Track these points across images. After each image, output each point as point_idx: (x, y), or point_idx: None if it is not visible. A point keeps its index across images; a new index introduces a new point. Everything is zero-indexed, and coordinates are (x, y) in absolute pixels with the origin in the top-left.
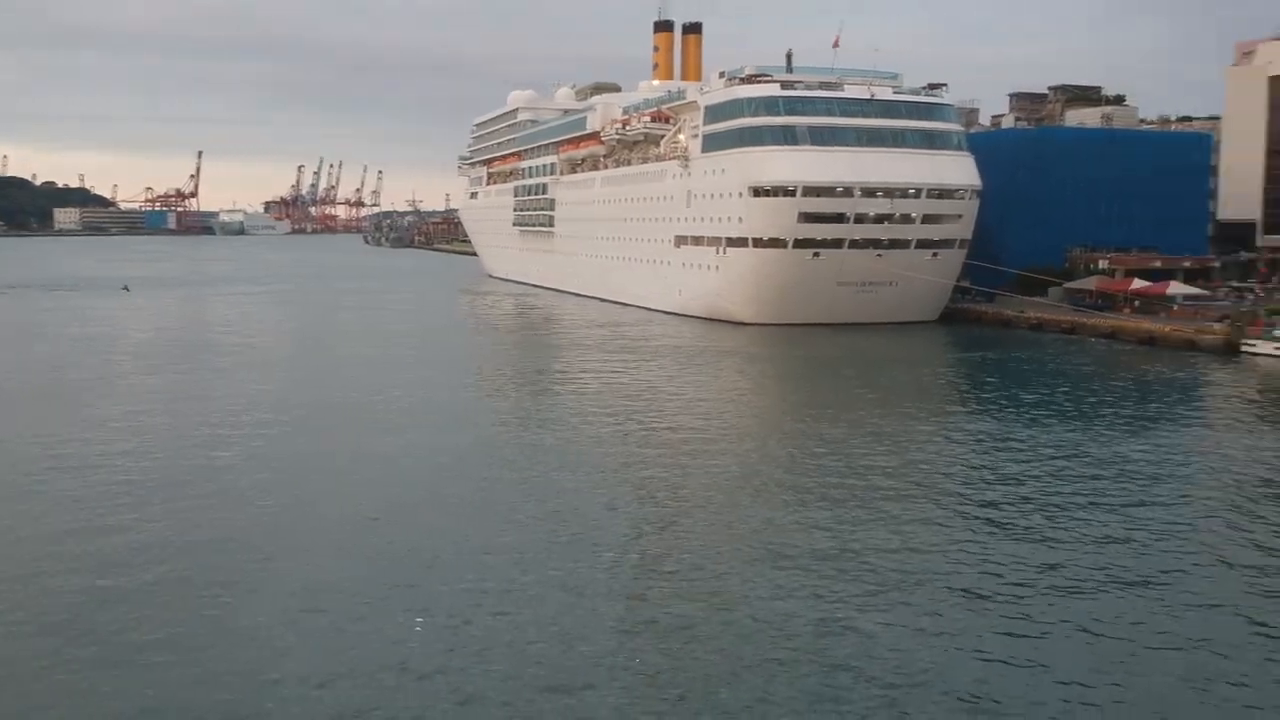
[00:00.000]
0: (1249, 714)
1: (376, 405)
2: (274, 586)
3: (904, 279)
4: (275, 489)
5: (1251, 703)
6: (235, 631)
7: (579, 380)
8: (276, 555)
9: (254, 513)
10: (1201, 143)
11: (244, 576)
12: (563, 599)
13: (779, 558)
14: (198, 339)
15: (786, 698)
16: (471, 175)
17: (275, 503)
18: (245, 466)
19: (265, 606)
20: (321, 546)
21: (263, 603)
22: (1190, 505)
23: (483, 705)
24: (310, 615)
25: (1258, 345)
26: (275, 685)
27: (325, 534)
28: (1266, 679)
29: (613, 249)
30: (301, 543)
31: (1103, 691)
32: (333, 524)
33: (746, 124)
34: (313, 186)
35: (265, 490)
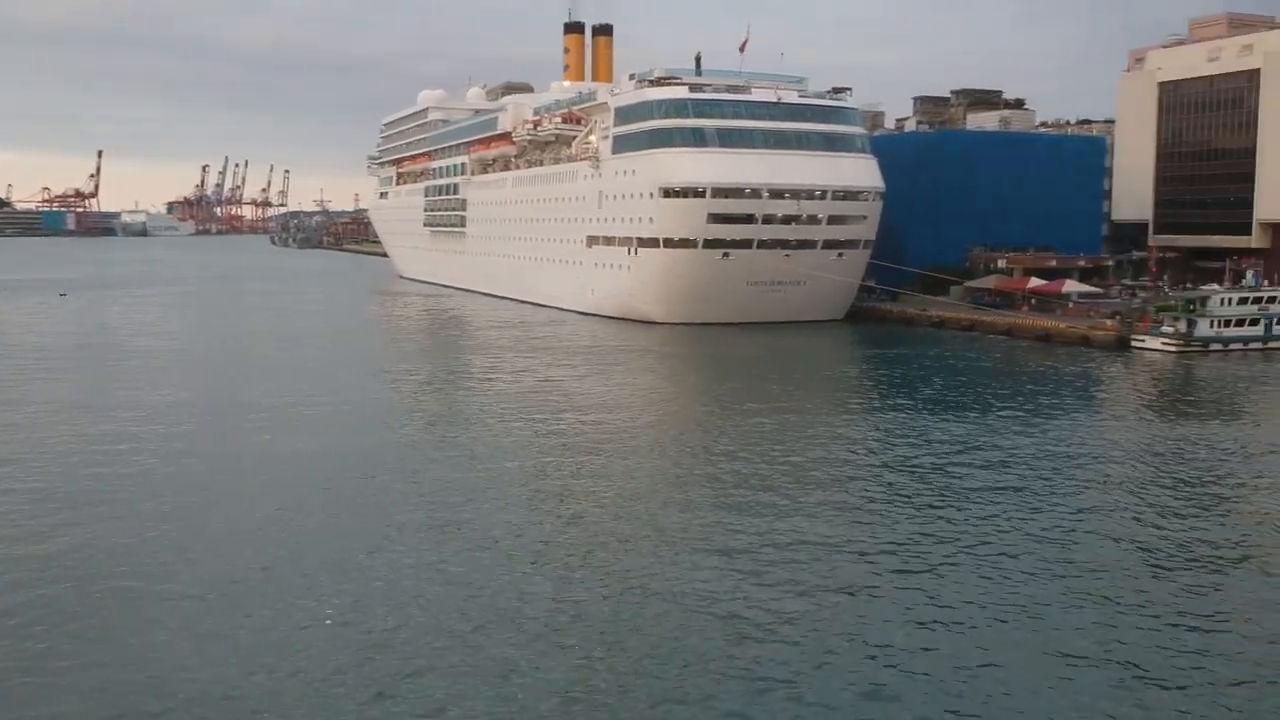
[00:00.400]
0: (1140, 684)
1: (286, 408)
2: (181, 588)
3: (811, 279)
4: (184, 490)
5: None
6: (141, 635)
7: (492, 380)
8: (184, 556)
9: (160, 515)
10: (1095, 145)
11: (148, 579)
12: (471, 595)
13: (694, 549)
14: (101, 343)
15: (705, 683)
16: (381, 175)
17: (184, 504)
18: (152, 469)
19: (171, 608)
20: (229, 547)
21: (168, 604)
22: (1081, 490)
23: (396, 701)
24: (218, 614)
25: (1146, 341)
26: (184, 684)
27: (233, 535)
28: (1156, 651)
29: (525, 249)
30: (209, 544)
31: (1005, 670)
32: (242, 525)
33: (656, 126)
34: (218, 186)
35: (173, 491)
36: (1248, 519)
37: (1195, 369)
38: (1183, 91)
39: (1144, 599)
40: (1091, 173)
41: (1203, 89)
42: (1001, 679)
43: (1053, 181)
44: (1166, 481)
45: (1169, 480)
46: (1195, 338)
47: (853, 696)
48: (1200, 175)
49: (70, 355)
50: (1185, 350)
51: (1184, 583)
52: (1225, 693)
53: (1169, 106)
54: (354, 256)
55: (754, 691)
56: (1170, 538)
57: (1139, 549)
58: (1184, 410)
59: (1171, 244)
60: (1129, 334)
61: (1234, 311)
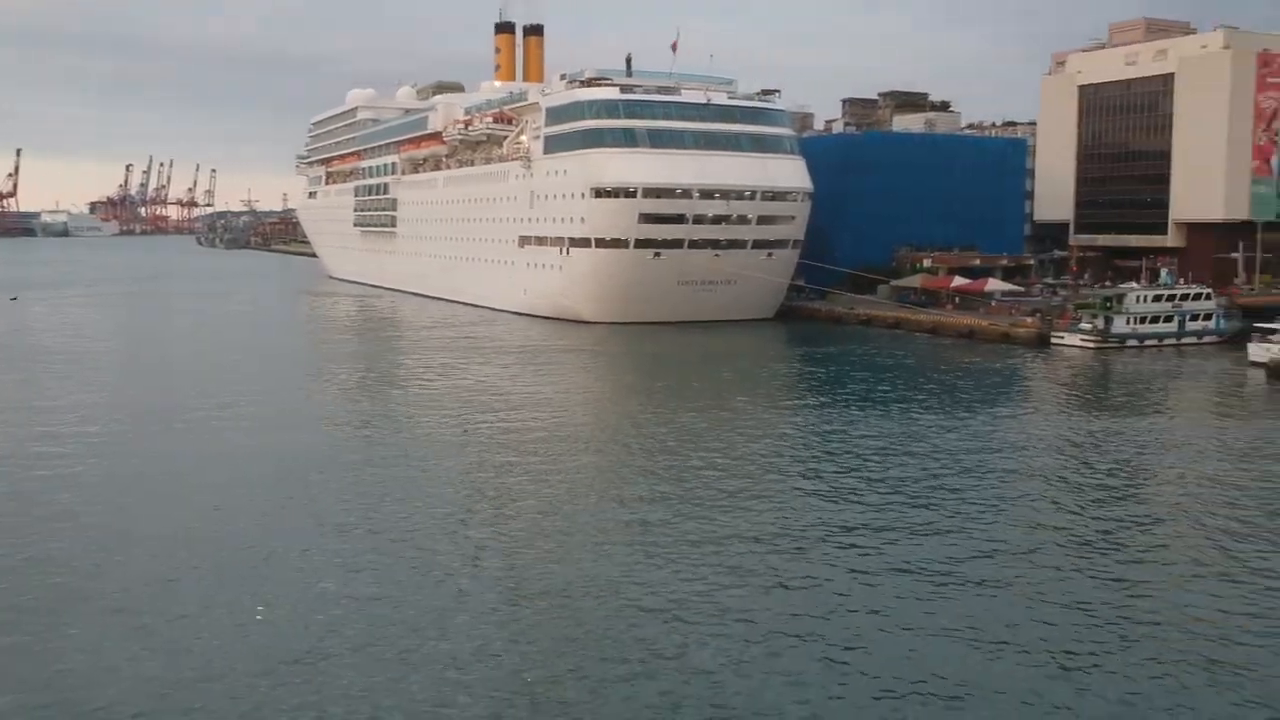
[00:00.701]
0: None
1: (217, 409)
2: (110, 587)
3: (741, 278)
4: (113, 491)
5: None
6: (70, 635)
7: (425, 380)
8: (112, 556)
9: (89, 516)
10: (1017, 147)
11: (78, 578)
12: (401, 593)
13: (624, 543)
14: (21, 344)
15: (629, 671)
16: (310, 175)
17: (114, 504)
18: (81, 471)
19: (99, 607)
20: (160, 547)
21: (97, 604)
22: (1001, 480)
23: (331, 697)
24: (148, 613)
25: (1065, 337)
26: (113, 683)
27: (163, 535)
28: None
29: (456, 249)
30: (139, 544)
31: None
32: (172, 525)
33: (588, 126)
34: (142, 186)
35: (102, 492)
36: (1159, 506)
37: (1112, 364)
38: (1102, 94)
39: (1060, 580)
40: (1014, 174)
41: (1120, 92)
42: (924, 664)
43: (976, 182)
44: (1082, 471)
45: (1084, 470)
46: (1112, 334)
47: (777, 684)
48: (1118, 176)
49: None
50: (1102, 346)
51: (1099, 567)
52: (1140, 668)
53: (1088, 109)
54: (282, 257)
55: (680, 681)
56: (1086, 525)
57: (1056, 535)
58: (1100, 404)
59: (1091, 243)
60: (1049, 331)
61: (1149, 309)
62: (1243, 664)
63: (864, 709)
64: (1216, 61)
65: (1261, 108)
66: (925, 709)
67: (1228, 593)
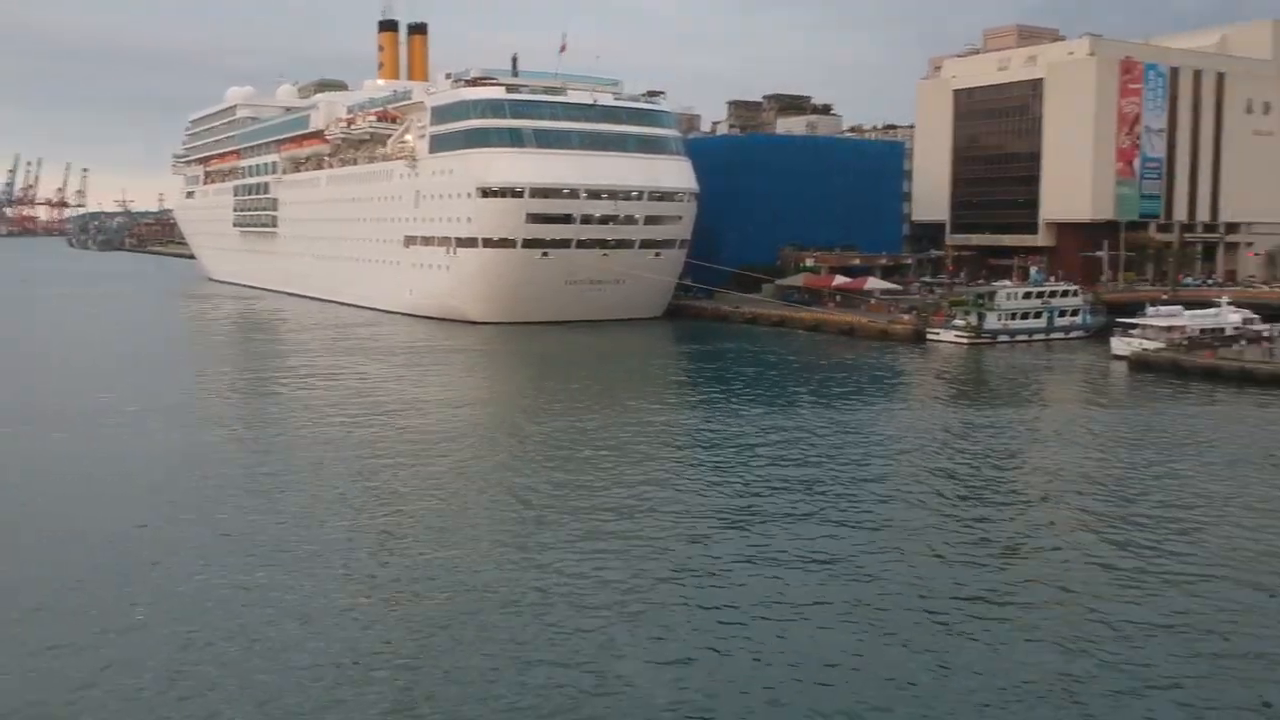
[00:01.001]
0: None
1: (94, 412)
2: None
3: (629, 277)
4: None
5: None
6: None
7: (306, 382)
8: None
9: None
10: (895, 149)
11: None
12: (276, 597)
13: (506, 543)
14: None
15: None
16: (188, 174)
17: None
18: None
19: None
20: (41, 553)
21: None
22: (877, 468)
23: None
24: (29, 620)
25: (940, 334)
26: None
27: (42, 541)
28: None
29: (340, 249)
30: (18, 550)
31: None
32: (53, 531)
33: (473, 125)
34: (8, 185)
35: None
36: (1027, 489)
37: (984, 359)
38: (975, 99)
39: (935, 561)
40: (892, 175)
41: (993, 96)
42: (798, 647)
43: (856, 184)
44: (954, 458)
45: (957, 457)
46: (984, 330)
47: (653, 682)
48: (991, 178)
49: None
50: (975, 342)
51: (971, 548)
52: (1010, 645)
53: (963, 113)
54: (159, 258)
55: (560, 681)
56: (957, 508)
57: (930, 518)
58: (971, 396)
59: (966, 243)
60: (924, 328)
61: (1019, 305)
62: (1106, 633)
63: (743, 693)
64: (1082, 68)
65: (1124, 112)
66: (801, 690)
67: (1091, 564)
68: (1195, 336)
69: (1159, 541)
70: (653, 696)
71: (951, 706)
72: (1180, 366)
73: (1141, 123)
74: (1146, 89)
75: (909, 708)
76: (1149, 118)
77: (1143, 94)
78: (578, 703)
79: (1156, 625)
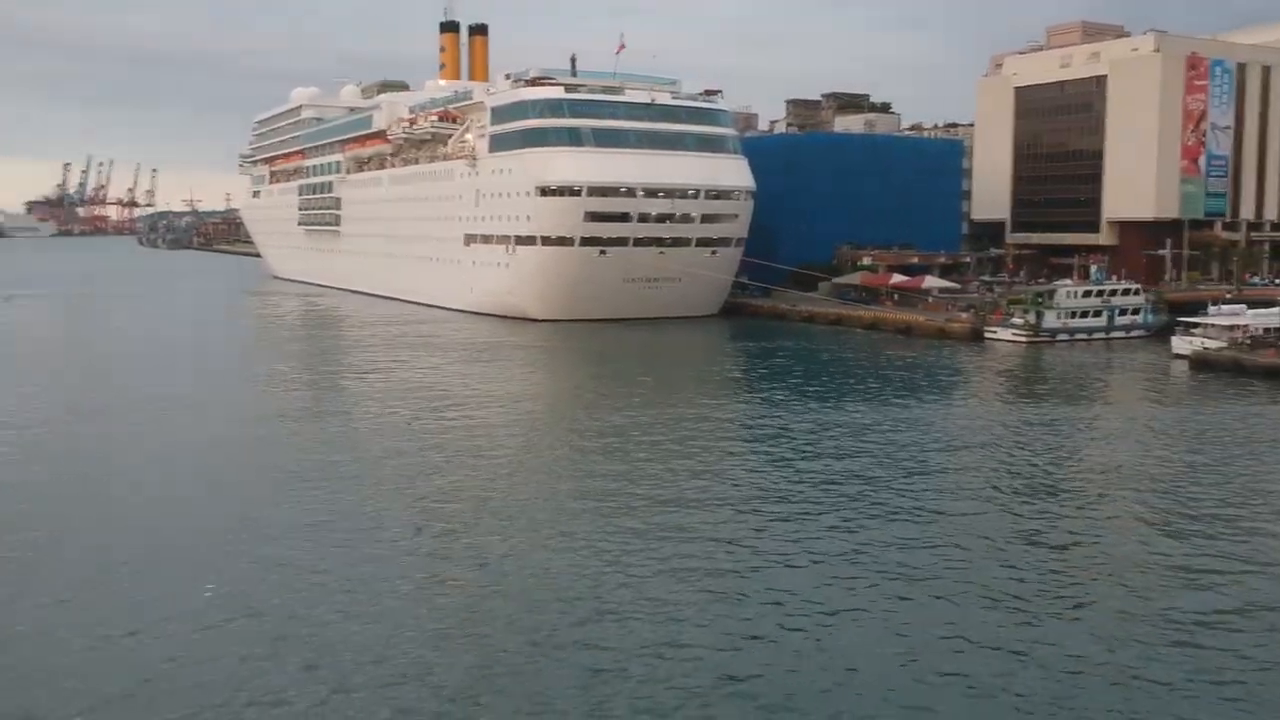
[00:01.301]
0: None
1: (168, 402)
2: (64, 568)
3: (686, 275)
4: (67, 481)
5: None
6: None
7: (370, 376)
8: (68, 541)
9: (46, 506)
10: (954, 148)
11: (30, 562)
12: (350, 567)
13: (563, 534)
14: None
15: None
16: (254, 174)
17: (68, 490)
18: (30, 462)
19: (51, 587)
20: (124, 527)
21: (47, 582)
22: (934, 464)
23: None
24: (100, 593)
25: (998, 332)
26: (64, 659)
27: (118, 521)
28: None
29: (401, 248)
30: (92, 531)
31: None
32: (127, 513)
33: (532, 125)
34: (81, 186)
35: (55, 483)
36: (1083, 487)
37: (1042, 357)
38: (1037, 96)
39: (993, 562)
40: (951, 174)
41: (1055, 94)
42: (869, 651)
43: (914, 182)
44: (1012, 455)
45: (1013, 455)
46: (1043, 329)
47: (713, 680)
48: (1053, 176)
49: None
50: (1034, 341)
51: (1034, 546)
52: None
53: (1024, 110)
54: (225, 257)
55: (612, 675)
56: (1019, 507)
57: (987, 514)
58: (1028, 393)
59: (1027, 242)
60: (982, 326)
61: (1079, 304)
62: (1163, 626)
63: (798, 677)
64: (1147, 64)
65: (1190, 109)
66: (856, 681)
67: (1148, 559)
68: (1258, 336)
69: (1215, 537)
70: (715, 686)
71: (1009, 699)
72: (1242, 365)
73: (1207, 120)
74: (1212, 85)
75: (967, 699)
76: (1215, 114)
77: (1208, 90)
78: (637, 687)
79: (1212, 620)
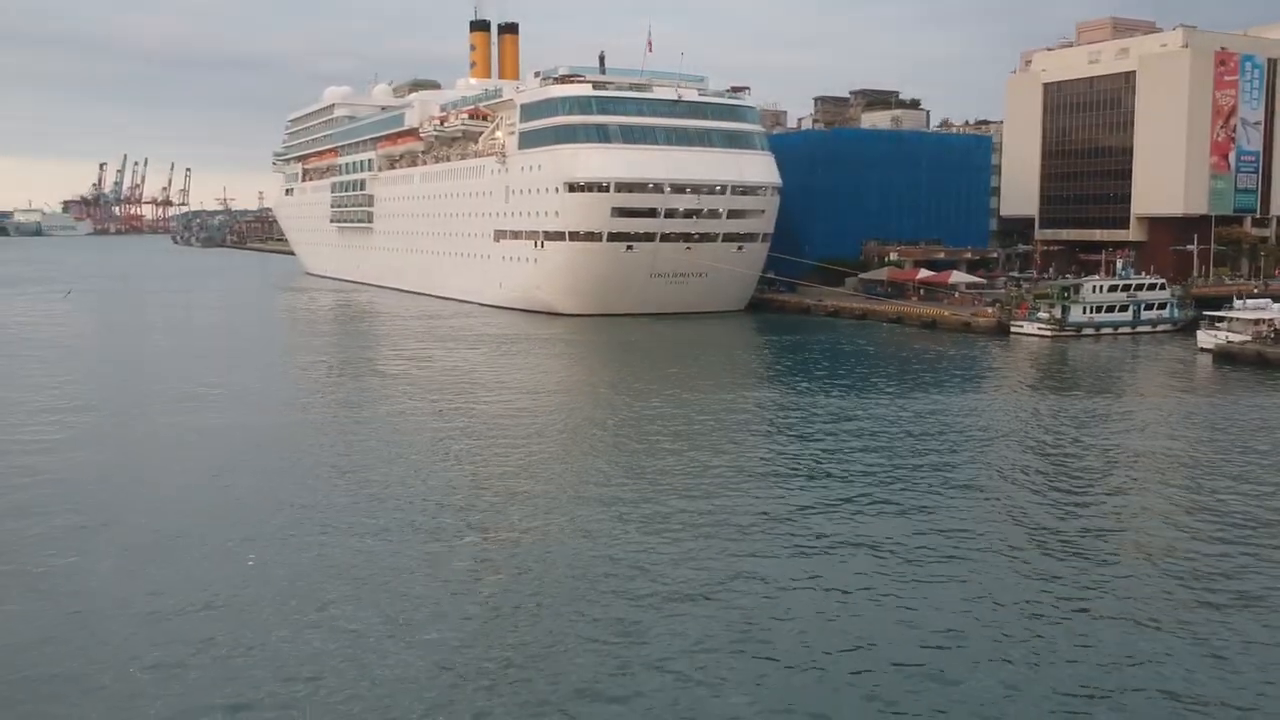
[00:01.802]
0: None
1: (206, 391)
2: (123, 538)
3: (712, 270)
4: (112, 462)
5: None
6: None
7: (403, 366)
8: (122, 514)
9: (92, 479)
10: (981, 144)
11: (86, 535)
12: (385, 539)
13: (598, 517)
14: (30, 338)
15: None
16: (287, 172)
17: (114, 473)
18: (75, 446)
19: (106, 554)
20: (167, 505)
21: (102, 552)
22: (957, 453)
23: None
24: (151, 559)
25: (1023, 326)
26: (116, 618)
27: (161, 498)
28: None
29: (433, 244)
30: (149, 503)
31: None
32: (174, 488)
33: (561, 122)
34: (116, 185)
35: (103, 466)
36: (1101, 473)
37: (1067, 351)
38: (1065, 92)
39: (1012, 551)
40: (978, 170)
41: (1084, 90)
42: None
43: (940, 178)
44: (1034, 445)
45: (1036, 444)
46: (1069, 323)
47: (743, 659)
48: (1082, 172)
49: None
50: (1059, 335)
51: (1059, 536)
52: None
53: (1053, 107)
54: (259, 255)
55: (633, 644)
56: (1042, 497)
57: (1008, 509)
58: (1052, 386)
59: (1056, 237)
60: (1008, 320)
61: (1105, 299)
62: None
63: (828, 662)
64: (1176, 60)
65: (1219, 105)
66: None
67: (1179, 545)
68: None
69: (1227, 515)
70: (747, 674)
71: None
72: (1265, 358)
73: (1237, 115)
74: (1243, 81)
75: (991, 685)
76: (1245, 110)
77: (1238, 86)
78: (665, 672)
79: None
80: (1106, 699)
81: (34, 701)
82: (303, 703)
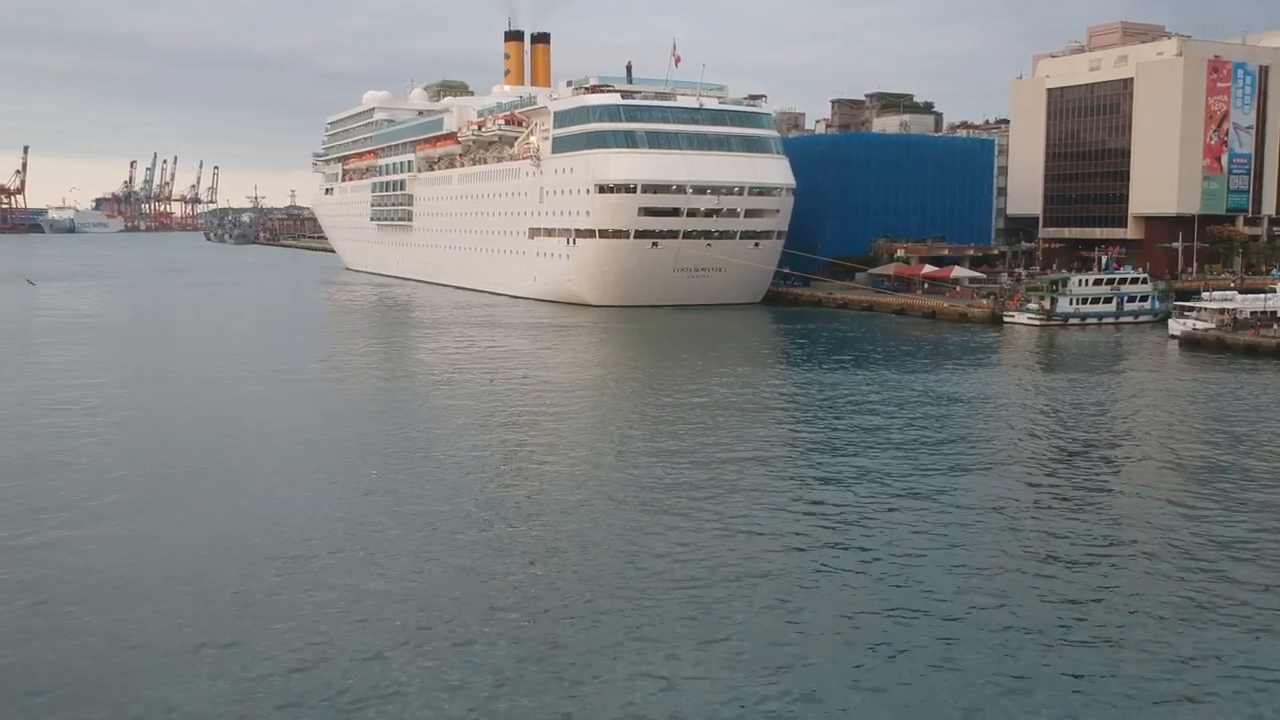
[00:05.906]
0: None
1: (263, 374)
2: (210, 500)
3: (731, 266)
4: (178, 441)
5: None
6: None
7: (445, 351)
8: (206, 475)
9: (153, 462)
10: (985, 147)
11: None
12: (433, 519)
13: (625, 497)
14: (77, 326)
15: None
16: (326, 172)
17: (183, 452)
18: (124, 426)
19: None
20: (232, 471)
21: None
22: (956, 432)
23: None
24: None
25: (1016, 316)
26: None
27: (234, 466)
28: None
29: (470, 240)
30: (225, 469)
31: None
32: (235, 459)
33: (592, 129)
34: (147, 183)
35: (165, 442)
36: (1092, 454)
37: (1053, 338)
38: (1068, 97)
39: (1003, 519)
40: (982, 171)
41: (1085, 95)
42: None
43: (946, 179)
44: (1013, 416)
45: (1016, 415)
46: (1057, 314)
47: (761, 643)
48: (1083, 173)
49: (54, 335)
50: (1047, 324)
51: (1041, 505)
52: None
53: (1055, 111)
54: (293, 251)
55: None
56: (1024, 470)
57: (993, 471)
58: (1035, 366)
59: (1058, 235)
60: (1001, 311)
61: (1090, 291)
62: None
63: (846, 645)
64: (1170, 68)
65: (1212, 110)
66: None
67: (1137, 491)
68: (1243, 318)
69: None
70: (770, 659)
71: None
72: (1224, 343)
73: (1229, 120)
74: (1235, 87)
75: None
76: (1237, 115)
77: (1231, 92)
78: (688, 658)
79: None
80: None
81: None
82: None
